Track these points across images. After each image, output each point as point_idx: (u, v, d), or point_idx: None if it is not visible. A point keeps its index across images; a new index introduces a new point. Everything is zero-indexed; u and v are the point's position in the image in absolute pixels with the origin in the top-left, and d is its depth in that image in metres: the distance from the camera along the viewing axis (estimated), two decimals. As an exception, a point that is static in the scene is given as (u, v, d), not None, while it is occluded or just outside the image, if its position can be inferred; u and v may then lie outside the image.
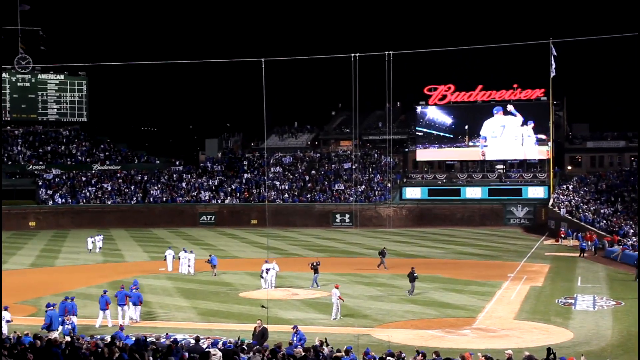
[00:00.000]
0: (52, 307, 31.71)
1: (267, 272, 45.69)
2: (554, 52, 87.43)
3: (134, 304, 36.14)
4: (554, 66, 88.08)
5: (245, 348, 24.98)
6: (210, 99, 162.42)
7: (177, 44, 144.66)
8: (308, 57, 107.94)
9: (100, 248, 68.17)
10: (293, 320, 34.10)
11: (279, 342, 25.78)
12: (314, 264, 47.46)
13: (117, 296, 36.16)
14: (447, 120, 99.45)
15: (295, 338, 28.19)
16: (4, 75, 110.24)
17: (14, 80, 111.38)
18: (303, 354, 22.85)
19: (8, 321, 32.60)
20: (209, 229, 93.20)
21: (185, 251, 55.00)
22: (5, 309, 33.47)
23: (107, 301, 35.14)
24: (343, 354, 23.15)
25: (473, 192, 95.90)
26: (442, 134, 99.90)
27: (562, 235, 72.17)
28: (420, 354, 23.35)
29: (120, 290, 36.53)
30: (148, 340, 26.11)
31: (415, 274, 44.26)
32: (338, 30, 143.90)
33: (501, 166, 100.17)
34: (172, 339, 25.69)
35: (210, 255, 55.00)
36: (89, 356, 20.58)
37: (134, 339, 26.02)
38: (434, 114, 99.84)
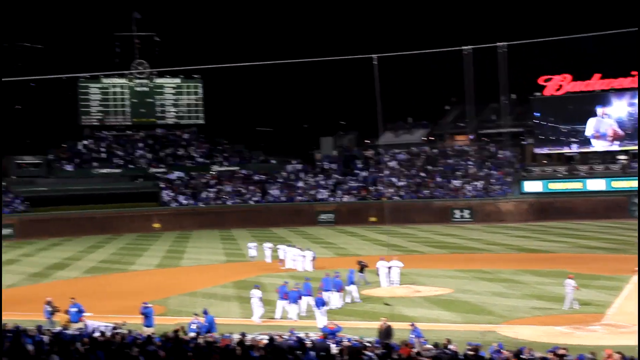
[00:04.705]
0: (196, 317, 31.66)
1: (389, 270, 45.66)
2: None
3: (338, 291, 38.67)
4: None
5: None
6: (324, 98, 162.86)
7: (290, 43, 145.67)
8: (419, 51, 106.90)
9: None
10: (418, 318, 34.03)
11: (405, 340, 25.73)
12: (361, 262, 46.96)
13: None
14: (564, 111, 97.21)
15: (413, 335, 28.08)
16: (123, 81, 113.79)
17: (132, 85, 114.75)
18: (433, 350, 22.72)
19: (260, 298, 35.62)
20: (328, 227, 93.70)
21: (301, 249, 55.62)
22: (256, 287, 36.45)
23: (285, 291, 36.73)
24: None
25: (595, 184, 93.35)
26: (560, 126, 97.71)
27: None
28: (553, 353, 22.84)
29: (306, 283, 38.20)
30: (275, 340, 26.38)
31: None
32: (449, 24, 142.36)
33: (624, 157, 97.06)
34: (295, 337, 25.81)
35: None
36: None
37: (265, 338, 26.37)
38: (551, 105, 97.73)
